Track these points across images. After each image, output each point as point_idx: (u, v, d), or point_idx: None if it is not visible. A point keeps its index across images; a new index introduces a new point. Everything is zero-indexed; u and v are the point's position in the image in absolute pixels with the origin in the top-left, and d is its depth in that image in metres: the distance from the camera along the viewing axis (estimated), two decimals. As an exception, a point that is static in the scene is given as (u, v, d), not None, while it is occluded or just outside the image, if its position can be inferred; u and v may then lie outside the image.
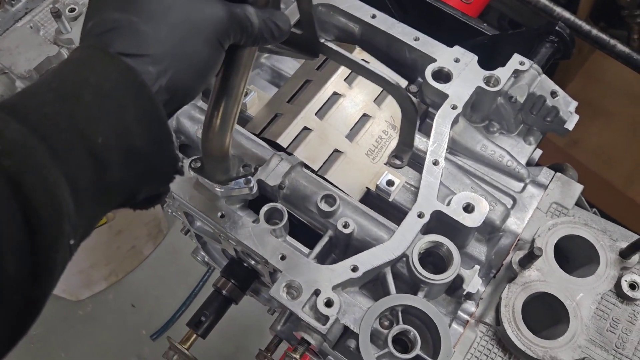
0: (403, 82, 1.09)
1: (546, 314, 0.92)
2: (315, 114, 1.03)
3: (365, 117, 1.05)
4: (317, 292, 0.85)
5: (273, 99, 1.08)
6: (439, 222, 0.93)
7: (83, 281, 2.26)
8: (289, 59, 1.15)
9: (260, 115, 1.06)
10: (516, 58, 1.04)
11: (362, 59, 1.06)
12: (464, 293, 0.90)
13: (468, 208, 0.91)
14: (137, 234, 2.41)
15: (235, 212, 0.92)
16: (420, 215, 0.90)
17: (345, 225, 0.90)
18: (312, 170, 0.99)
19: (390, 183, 0.98)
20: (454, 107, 1.00)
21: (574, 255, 0.98)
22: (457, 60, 1.05)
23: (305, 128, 1.02)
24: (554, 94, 1.03)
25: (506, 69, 1.03)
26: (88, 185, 0.51)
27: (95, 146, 0.50)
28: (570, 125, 1.04)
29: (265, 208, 0.90)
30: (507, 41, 1.16)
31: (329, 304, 0.84)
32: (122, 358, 2.33)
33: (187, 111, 1.05)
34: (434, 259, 0.92)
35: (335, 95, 1.05)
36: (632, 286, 0.90)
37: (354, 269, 0.87)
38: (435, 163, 0.95)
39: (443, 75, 1.04)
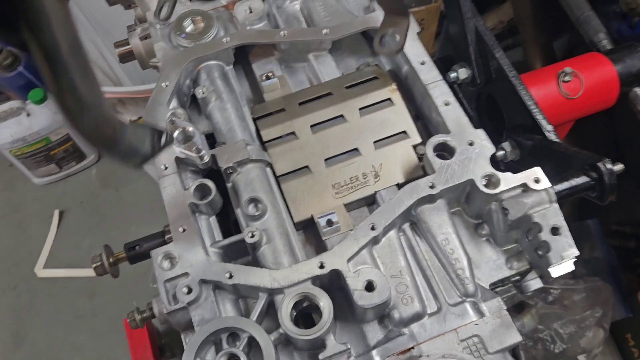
0: (416, 139, 1.01)
1: None
2: (312, 126, 1.02)
3: (354, 152, 1.00)
4: (185, 275, 0.87)
5: (291, 95, 1.08)
6: (344, 284, 0.87)
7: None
8: (332, 64, 1.13)
9: (271, 103, 1.07)
10: (535, 172, 0.90)
11: (389, 99, 1.02)
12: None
13: (368, 286, 0.84)
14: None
15: (182, 172, 0.97)
16: (320, 266, 0.86)
17: (252, 235, 0.90)
18: (275, 175, 0.99)
19: (329, 223, 0.94)
20: (432, 187, 0.91)
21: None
22: (471, 144, 0.94)
23: (293, 134, 1.01)
24: (555, 230, 0.88)
25: (515, 177, 0.90)
26: None
27: None
28: (554, 272, 0.88)
29: (196, 182, 0.93)
30: (561, 153, 1.00)
31: (187, 291, 0.85)
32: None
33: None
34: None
35: (341, 118, 1.02)
36: None
37: (230, 276, 0.86)
38: (373, 228, 0.89)
39: (447, 149, 0.95)
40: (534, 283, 0.99)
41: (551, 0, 1.54)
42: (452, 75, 1.18)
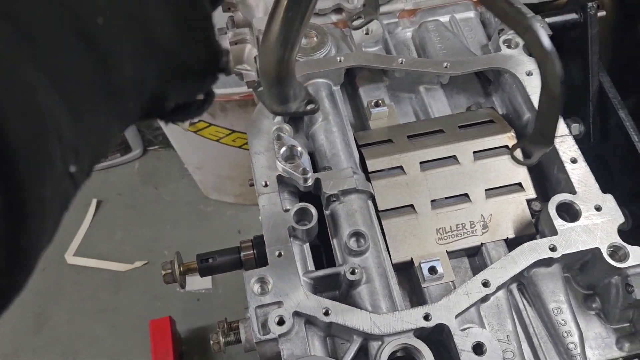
0: (531, 193, 0.94)
1: None
2: (421, 163, 0.95)
3: (464, 198, 0.94)
4: (279, 304, 0.80)
5: (398, 126, 1.02)
6: (448, 340, 0.80)
7: (216, 184, 2.46)
8: (444, 100, 1.07)
9: (376, 132, 1.01)
10: (672, 253, 0.83)
11: (506, 146, 0.96)
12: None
13: (477, 348, 0.77)
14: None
15: (281, 192, 0.91)
16: (426, 317, 0.79)
17: (353, 272, 0.83)
18: (376, 209, 0.93)
19: (432, 271, 0.87)
20: (553, 249, 0.84)
21: None
22: (598, 209, 0.87)
23: (400, 168, 0.95)
24: (685, 319, 0.80)
25: (649, 254, 0.83)
26: (88, 87, 0.36)
27: (93, 30, 0.35)
28: (677, 365, 0.81)
29: (298, 205, 0.87)
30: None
31: (280, 322, 0.79)
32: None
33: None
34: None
35: (453, 159, 0.96)
36: None
37: (326, 312, 0.80)
38: (485, 285, 0.82)
39: (570, 212, 0.88)
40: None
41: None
42: (563, 129, 1.12)
